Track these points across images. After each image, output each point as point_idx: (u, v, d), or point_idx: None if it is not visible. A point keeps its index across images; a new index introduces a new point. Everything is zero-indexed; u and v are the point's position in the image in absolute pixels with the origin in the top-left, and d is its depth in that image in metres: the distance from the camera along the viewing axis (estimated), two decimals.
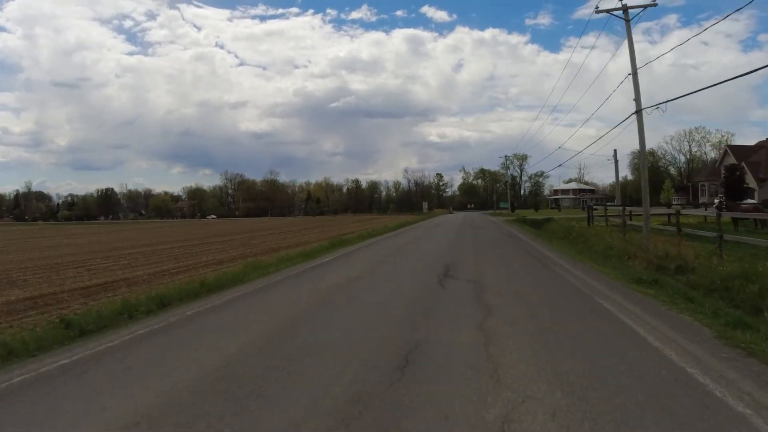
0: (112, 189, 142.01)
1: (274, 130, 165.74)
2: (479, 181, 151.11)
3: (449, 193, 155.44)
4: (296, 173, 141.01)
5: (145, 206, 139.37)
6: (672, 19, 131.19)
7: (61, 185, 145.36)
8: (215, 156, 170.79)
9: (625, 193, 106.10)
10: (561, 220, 30.40)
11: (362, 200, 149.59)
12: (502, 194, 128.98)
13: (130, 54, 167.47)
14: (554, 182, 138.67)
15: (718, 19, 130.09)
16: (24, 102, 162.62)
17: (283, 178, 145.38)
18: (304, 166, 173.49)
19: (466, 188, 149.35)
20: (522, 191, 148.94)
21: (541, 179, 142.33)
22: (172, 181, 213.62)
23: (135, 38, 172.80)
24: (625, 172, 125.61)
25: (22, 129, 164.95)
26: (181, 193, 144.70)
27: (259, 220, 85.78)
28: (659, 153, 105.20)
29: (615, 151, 50.98)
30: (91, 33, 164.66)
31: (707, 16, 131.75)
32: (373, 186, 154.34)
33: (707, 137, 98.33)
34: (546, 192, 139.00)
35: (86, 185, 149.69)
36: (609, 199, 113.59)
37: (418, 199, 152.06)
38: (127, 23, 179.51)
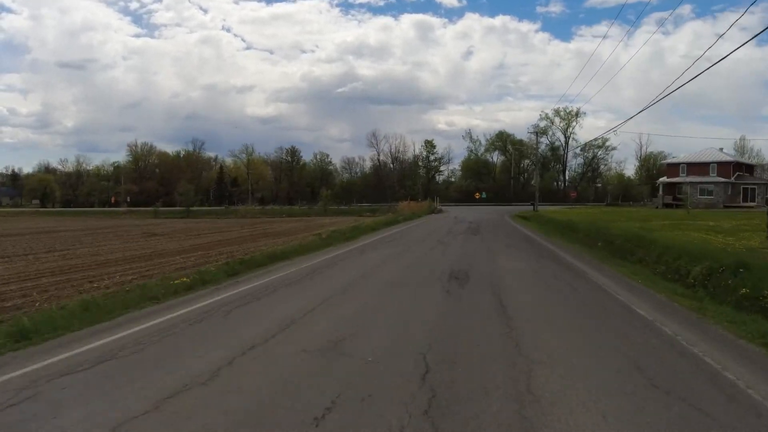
0: None
1: (280, 115, 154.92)
2: (494, 155, 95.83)
3: (445, 173, 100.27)
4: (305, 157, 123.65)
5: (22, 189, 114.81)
6: (686, 9, 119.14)
7: (68, 167, 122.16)
8: (222, 140, 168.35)
9: None
10: None
11: (306, 183, 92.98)
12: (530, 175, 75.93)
13: (137, 36, 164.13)
14: (620, 155, 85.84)
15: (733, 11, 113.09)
16: (31, 83, 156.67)
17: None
18: (311, 150, 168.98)
19: (474, 166, 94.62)
20: (565, 171, 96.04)
21: (602, 153, 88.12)
22: None
23: (141, 20, 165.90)
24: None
25: (29, 110, 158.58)
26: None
27: None
28: None
29: None
30: (97, 14, 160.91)
31: (722, 8, 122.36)
32: (326, 161, 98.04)
33: None
34: (610, 171, 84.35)
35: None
36: None
37: (393, 183, 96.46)
38: (133, 5, 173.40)
